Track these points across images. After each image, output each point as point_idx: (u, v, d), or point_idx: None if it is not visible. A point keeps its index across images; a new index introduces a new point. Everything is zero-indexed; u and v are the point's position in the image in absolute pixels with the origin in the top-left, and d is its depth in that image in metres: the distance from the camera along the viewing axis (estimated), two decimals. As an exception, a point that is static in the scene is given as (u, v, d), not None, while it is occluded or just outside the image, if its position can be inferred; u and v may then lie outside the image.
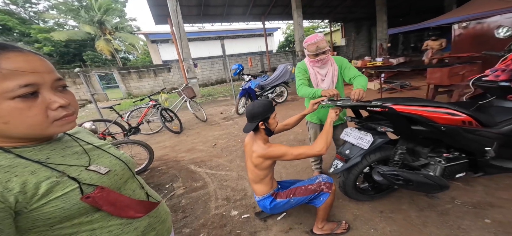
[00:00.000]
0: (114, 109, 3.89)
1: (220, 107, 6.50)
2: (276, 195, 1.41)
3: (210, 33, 18.71)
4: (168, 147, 3.64)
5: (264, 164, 1.29)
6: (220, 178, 2.45)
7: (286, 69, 5.72)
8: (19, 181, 0.43)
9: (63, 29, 19.26)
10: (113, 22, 19.37)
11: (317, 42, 1.53)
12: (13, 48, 0.44)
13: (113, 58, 19.74)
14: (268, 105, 1.29)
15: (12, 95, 0.41)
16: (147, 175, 2.67)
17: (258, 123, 1.26)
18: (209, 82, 14.07)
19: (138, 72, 12.13)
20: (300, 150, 1.23)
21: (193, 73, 8.61)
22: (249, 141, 1.38)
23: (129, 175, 0.66)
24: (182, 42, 8.14)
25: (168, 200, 2.08)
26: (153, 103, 4.18)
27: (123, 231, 0.56)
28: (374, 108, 1.28)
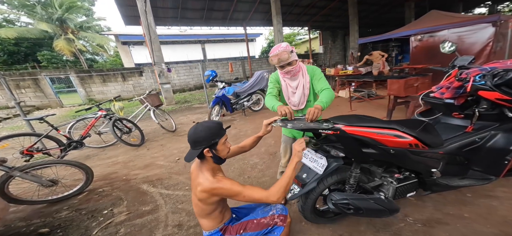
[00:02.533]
0: (45, 121, 3.27)
1: (194, 115, 6.22)
2: (225, 230, 1.24)
3: (190, 37, 18.61)
4: (120, 163, 3.26)
5: (210, 199, 1.12)
6: (176, 199, 2.18)
7: (262, 76, 5.69)
8: None
9: (12, 26, 17.85)
10: (78, 20, 18.43)
11: (278, 54, 1.47)
12: None
13: (77, 59, 18.60)
14: (216, 128, 1.13)
15: None
16: (81, 199, 2.30)
17: (202, 150, 1.08)
18: (187, 88, 13.70)
19: (102, 75, 11.41)
20: (255, 195, 1.09)
21: (166, 79, 8.27)
22: (195, 168, 1.20)
23: None
24: (153, 45, 7.85)
25: (102, 231, 1.75)
26: (102, 113, 3.79)
27: None
28: (326, 131, 1.21)
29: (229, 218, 1.28)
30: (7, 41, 16.91)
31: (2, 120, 7.70)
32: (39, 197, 2.29)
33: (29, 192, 2.26)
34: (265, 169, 2.66)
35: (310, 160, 1.35)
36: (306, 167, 1.38)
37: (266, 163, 2.84)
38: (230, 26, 13.63)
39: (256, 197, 1.08)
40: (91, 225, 1.83)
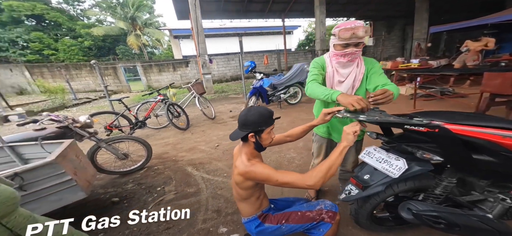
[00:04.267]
0: (122, 102, 3.88)
1: (231, 105, 6.34)
2: (265, 217, 1.14)
3: (229, 30, 18.76)
4: (171, 144, 3.54)
5: (245, 184, 1.04)
6: (216, 185, 2.24)
7: (302, 69, 5.29)
8: None
9: (102, 25, 20.76)
10: (143, 18, 20.42)
11: (355, 28, 1.14)
12: None
13: (141, 53, 20.83)
14: (266, 115, 1.03)
15: None
16: (142, 174, 2.56)
17: (247, 133, 1.01)
18: (224, 79, 14.07)
19: (159, 66, 12.55)
20: (287, 178, 0.95)
21: (208, 69, 8.58)
22: (236, 151, 1.15)
23: None
24: (199, 37, 8.14)
25: (156, 206, 1.92)
26: (161, 97, 4.13)
27: None
28: (416, 127, 0.93)
29: (267, 206, 1.19)
30: (97, 38, 19.78)
31: (92, 100, 9.19)
32: (114, 168, 2.55)
33: (108, 163, 2.54)
34: (302, 165, 2.51)
35: (378, 160, 1.10)
36: (370, 167, 1.13)
37: (303, 158, 2.67)
38: (269, 18, 13.11)
39: (290, 180, 0.95)
40: (148, 200, 2.02)
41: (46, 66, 11.26)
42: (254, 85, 4.94)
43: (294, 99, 5.67)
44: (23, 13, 17.09)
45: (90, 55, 19.57)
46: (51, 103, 7.84)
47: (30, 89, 10.89)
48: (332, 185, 2.08)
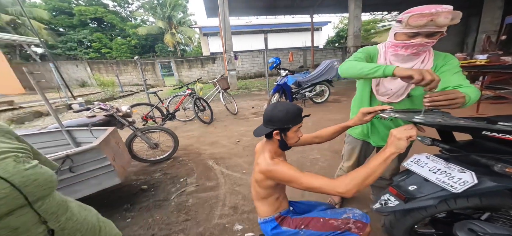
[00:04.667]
0: (157, 95, 4.20)
1: (253, 102, 6.32)
2: (283, 220, 1.05)
3: (254, 27, 18.67)
4: (195, 137, 3.68)
5: (265, 183, 0.96)
6: (234, 181, 2.24)
7: (331, 66, 4.94)
8: None
9: (145, 25, 22.80)
10: (178, 17, 21.74)
11: (435, 14, 0.84)
12: None
13: (175, 50, 22.27)
14: (294, 113, 0.92)
15: None
16: (168, 164, 2.70)
17: (272, 131, 0.93)
18: (248, 75, 14.13)
19: (189, 62, 13.23)
20: (314, 181, 0.83)
21: (233, 65, 8.69)
22: (259, 148, 1.07)
23: (17, 205, 0.45)
24: (226, 34, 8.25)
25: (178, 197, 2.00)
26: (189, 91, 4.30)
27: None
28: (500, 134, 0.71)
29: (286, 209, 1.10)
30: (141, 37, 21.78)
31: (134, 93, 10.18)
32: (146, 156, 2.70)
33: (141, 151, 2.69)
34: (327, 167, 2.34)
35: (431, 169, 0.91)
36: (418, 177, 0.94)
37: (328, 161, 2.49)
38: (296, 14, 12.59)
39: (316, 184, 0.82)
40: (171, 190, 2.11)
41: (102, 63, 12.95)
42: (278, 82, 4.79)
43: (320, 98, 5.34)
44: (88, 16, 19.88)
45: (135, 53, 21.67)
46: (103, 94, 8.94)
47: (89, 82, 12.63)
48: (360, 192, 1.88)
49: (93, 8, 20.13)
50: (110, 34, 21.88)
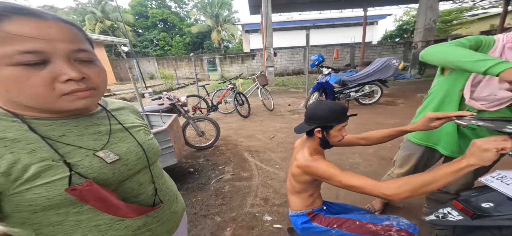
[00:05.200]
0: (204, 88, 4.65)
1: (290, 99, 6.20)
2: (314, 216, 1.03)
3: (296, 23, 17.93)
4: (233, 129, 3.90)
5: (302, 178, 0.96)
6: (267, 174, 2.30)
7: (389, 64, 4.25)
8: (10, 160, 0.38)
9: (197, 23, 25.19)
10: (224, 15, 23.04)
11: None
12: (29, 14, 0.38)
13: (219, 47, 23.78)
14: (338, 111, 0.89)
15: (11, 62, 0.36)
16: (210, 151, 2.97)
17: (314, 128, 0.91)
18: (286, 72, 13.83)
19: (231, 58, 13.89)
20: (354, 180, 0.76)
21: (272, 62, 8.66)
22: (299, 144, 1.07)
23: (143, 166, 0.58)
24: (267, 31, 8.26)
25: (216, 183, 2.19)
26: (231, 86, 4.56)
27: (111, 227, 0.50)
28: None
29: (319, 206, 1.07)
30: (193, 35, 24.21)
31: (186, 85, 11.47)
32: (194, 143, 2.96)
33: (190, 138, 2.96)
34: (369, 174, 2.10)
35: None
36: (500, 195, 0.81)
37: (372, 166, 2.28)
38: (347, 8, 11.42)
39: (357, 183, 0.76)
40: (211, 176, 2.33)
41: (165, 59, 15.11)
42: (319, 80, 4.50)
43: (369, 99, 4.76)
44: (157, 18, 23.44)
45: (188, 49, 24.22)
46: (164, 86, 10.41)
47: (156, 75, 14.95)
48: (410, 201, 1.67)
49: (161, 10, 23.53)
50: (171, 33, 25.05)
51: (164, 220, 0.62)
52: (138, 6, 23.43)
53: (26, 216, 0.42)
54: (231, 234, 1.54)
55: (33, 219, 0.43)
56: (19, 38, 0.36)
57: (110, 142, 0.52)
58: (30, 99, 0.40)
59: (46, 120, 0.45)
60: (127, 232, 0.52)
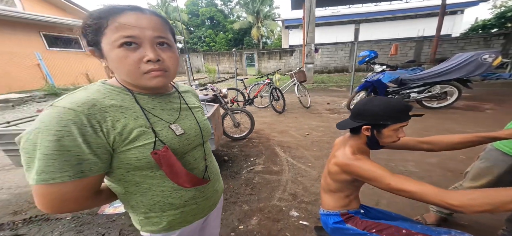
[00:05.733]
0: (243, 82, 4.85)
1: (329, 98, 5.77)
2: (349, 218, 0.94)
3: (343, 17, 16.30)
4: (267, 123, 3.92)
5: (339, 176, 0.88)
6: (298, 171, 2.24)
7: (478, 60, 3.37)
8: (123, 123, 0.49)
9: (239, 20, 26.29)
10: (264, 11, 23.17)
11: None
12: (135, 9, 0.48)
13: (258, 43, 24.14)
14: (397, 109, 0.76)
15: (118, 44, 0.46)
16: (244, 143, 3.07)
17: (362, 125, 0.82)
18: (327, 70, 12.87)
19: (269, 54, 13.88)
20: (408, 185, 0.65)
21: (312, 59, 8.22)
22: (340, 142, 0.98)
23: (199, 142, 0.66)
24: (309, 26, 7.87)
25: (247, 173, 2.26)
26: (268, 81, 4.59)
27: (171, 194, 0.59)
28: None
29: (355, 209, 0.98)
30: (235, 31, 25.42)
31: (225, 79, 12.21)
32: (230, 133, 3.08)
33: (227, 128, 3.10)
34: None
35: None
36: None
37: (431, 178, 1.96)
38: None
39: (413, 188, 0.64)
40: (243, 166, 2.42)
41: (210, 54, 16.43)
42: (369, 78, 3.98)
43: (438, 102, 3.91)
44: (206, 16, 25.70)
45: (229, 46, 25.55)
46: (208, 79, 11.38)
47: (202, 69, 16.49)
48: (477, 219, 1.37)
49: (209, 8, 25.60)
50: (216, 30, 26.93)
51: (208, 196, 0.70)
52: (191, 6, 26.04)
53: (122, 173, 0.53)
54: (257, 223, 1.57)
55: (126, 176, 0.54)
56: (125, 26, 0.46)
57: (179, 117, 0.61)
58: (127, 75, 0.49)
59: (143, 95, 0.55)
60: (180, 201, 0.61)
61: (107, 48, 0.47)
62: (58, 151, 0.41)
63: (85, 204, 0.52)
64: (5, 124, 1.85)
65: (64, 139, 0.42)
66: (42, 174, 0.42)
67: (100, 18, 0.46)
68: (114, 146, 0.49)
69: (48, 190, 0.43)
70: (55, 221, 1.61)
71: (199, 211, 0.67)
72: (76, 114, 0.43)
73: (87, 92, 0.49)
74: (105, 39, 0.47)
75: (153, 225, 0.60)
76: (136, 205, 0.58)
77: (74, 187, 0.45)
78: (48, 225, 1.57)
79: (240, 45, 26.27)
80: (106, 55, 0.48)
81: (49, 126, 0.41)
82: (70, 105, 0.44)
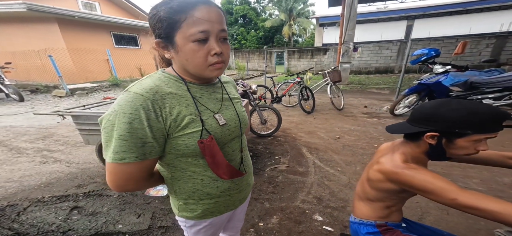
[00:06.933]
0: (272, 80, 4.82)
1: (367, 100, 5.23)
2: (387, 231, 0.82)
3: (392, 13, 14.41)
4: (294, 122, 3.78)
5: (382, 185, 0.77)
6: (325, 175, 2.10)
7: None
8: (178, 109, 0.52)
9: (271, 18, 26.34)
10: (298, 8, 22.52)
11: None
12: (205, 2, 0.49)
13: (289, 41, 23.63)
14: (488, 117, 0.60)
15: (193, 39, 0.48)
16: (270, 140, 3.04)
17: (424, 132, 0.68)
18: (365, 70, 11.69)
19: (299, 52, 13.45)
20: (486, 203, 0.53)
21: (349, 58, 7.60)
22: (387, 147, 0.85)
23: (237, 134, 0.66)
24: (349, 23, 7.28)
25: (271, 171, 2.22)
26: (298, 80, 4.44)
27: (209, 184, 0.61)
28: None
29: (396, 222, 0.86)
30: (266, 29, 25.56)
31: (254, 76, 12.38)
32: (256, 129, 3.09)
33: (253, 124, 3.14)
34: None
35: None
36: None
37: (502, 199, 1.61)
38: None
39: (492, 207, 0.53)
40: (267, 163, 2.38)
41: (240, 51, 16.93)
42: (424, 80, 3.41)
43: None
44: (239, 14, 26.59)
45: (260, 43, 25.77)
46: (237, 75, 11.75)
47: (233, 66, 17.11)
48: None
49: (243, 6, 26.31)
50: (247, 28, 27.50)
51: (241, 189, 0.71)
52: (226, 4, 27.12)
53: (171, 159, 0.57)
54: (277, 222, 1.52)
55: (174, 161, 0.57)
56: (199, 21, 0.47)
57: (222, 108, 0.62)
58: (195, 67, 0.52)
59: (194, 84, 0.58)
60: (216, 191, 0.63)
61: (182, 42, 0.49)
62: (130, 133, 0.46)
63: (142, 184, 0.56)
64: (82, 107, 2.21)
65: (134, 122, 0.46)
66: (117, 154, 0.46)
67: (179, 11, 0.47)
68: (169, 131, 0.51)
69: (119, 168, 0.48)
70: (106, 197, 1.84)
71: (231, 203, 0.69)
72: (144, 99, 0.47)
73: (152, 79, 0.53)
74: (180, 33, 0.48)
75: (189, 211, 0.64)
76: (178, 190, 0.62)
77: (137, 168, 0.50)
78: (100, 201, 1.80)
79: (270, 43, 26.18)
80: (180, 48, 0.50)
81: (125, 109, 0.46)
82: (140, 91, 0.48)
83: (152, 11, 0.51)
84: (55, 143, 3.09)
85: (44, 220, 1.58)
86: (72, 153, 2.77)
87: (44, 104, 5.57)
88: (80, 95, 6.48)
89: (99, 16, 8.40)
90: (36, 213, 1.66)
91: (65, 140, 3.19)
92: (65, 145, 3.03)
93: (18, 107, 5.28)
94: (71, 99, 6.04)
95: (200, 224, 0.67)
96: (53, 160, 2.58)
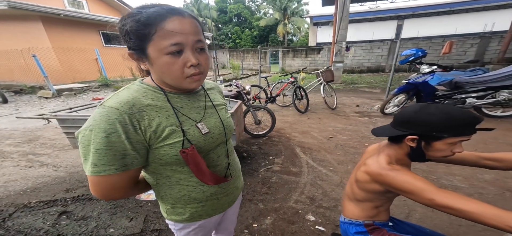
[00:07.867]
0: (266, 80, 4.85)
1: (359, 99, 5.36)
2: (374, 230, 0.87)
3: (382, 13, 14.77)
4: (288, 122, 3.83)
5: (368, 186, 0.80)
6: (318, 174, 2.14)
7: None
8: (157, 121, 0.52)
9: (265, 17, 26.29)
10: (292, 7, 22.62)
11: None
12: (177, 13, 0.48)
13: (283, 40, 23.73)
14: (461, 120, 0.64)
15: (166, 52, 0.47)
16: (264, 140, 3.06)
17: (405, 135, 0.72)
18: (358, 69, 11.94)
19: (294, 52, 13.56)
20: (460, 203, 0.56)
21: (342, 57, 7.74)
22: (373, 149, 0.91)
23: (222, 140, 0.67)
24: (341, 23, 7.41)
25: (265, 171, 2.24)
26: (292, 80, 4.48)
27: (195, 190, 0.63)
28: None
29: (383, 221, 0.90)
30: (261, 28, 25.50)
31: (249, 76, 12.38)
32: (250, 130, 3.10)
33: (248, 125, 3.11)
34: None
35: None
36: None
37: (482, 196, 1.71)
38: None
39: (464, 207, 0.55)
40: (261, 164, 2.40)
41: (235, 51, 16.85)
42: (412, 80, 3.54)
43: (503, 110, 3.31)
44: (234, 13, 26.36)
45: (254, 43, 25.68)
46: (232, 75, 11.69)
47: (227, 66, 17.02)
48: None
49: (237, 5, 26.15)
50: (242, 27, 27.35)
51: (228, 192, 0.72)
52: (221, 3, 26.91)
53: (155, 167, 0.58)
54: (271, 223, 1.55)
55: (158, 170, 0.58)
56: (171, 33, 0.46)
57: (205, 116, 0.62)
58: (171, 79, 0.52)
59: (175, 94, 0.58)
60: (202, 196, 0.64)
61: (155, 54, 0.48)
62: (107, 146, 0.46)
63: (128, 192, 0.57)
64: (68, 109, 2.14)
65: (111, 136, 0.46)
66: (96, 167, 0.47)
67: (147, 25, 0.46)
68: (150, 142, 0.52)
69: (100, 180, 0.49)
70: (96, 202, 1.81)
71: (219, 206, 0.70)
72: (120, 113, 0.47)
73: (129, 91, 0.53)
74: (152, 46, 0.47)
75: (177, 215, 0.65)
76: (165, 196, 0.63)
77: (119, 178, 0.50)
78: (90, 205, 1.78)
79: (265, 42, 26.16)
80: (153, 61, 0.49)
81: (101, 124, 0.46)
82: (116, 105, 0.48)
83: (120, 24, 0.49)
84: (42, 146, 3.00)
85: (31, 226, 1.54)
86: (60, 156, 2.70)
87: (29, 106, 5.37)
88: (68, 96, 6.28)
89: (86, 14, 8.13)
90: (23, 219, 1.62)
91: (52, 143, 3.10)
92: (52, 148, 2.94)
93: (2, 109, 5.07)
94: (58, 101, 5.85)
95: (189, 227, 0.68)
96: (39, 164, 2.50)
